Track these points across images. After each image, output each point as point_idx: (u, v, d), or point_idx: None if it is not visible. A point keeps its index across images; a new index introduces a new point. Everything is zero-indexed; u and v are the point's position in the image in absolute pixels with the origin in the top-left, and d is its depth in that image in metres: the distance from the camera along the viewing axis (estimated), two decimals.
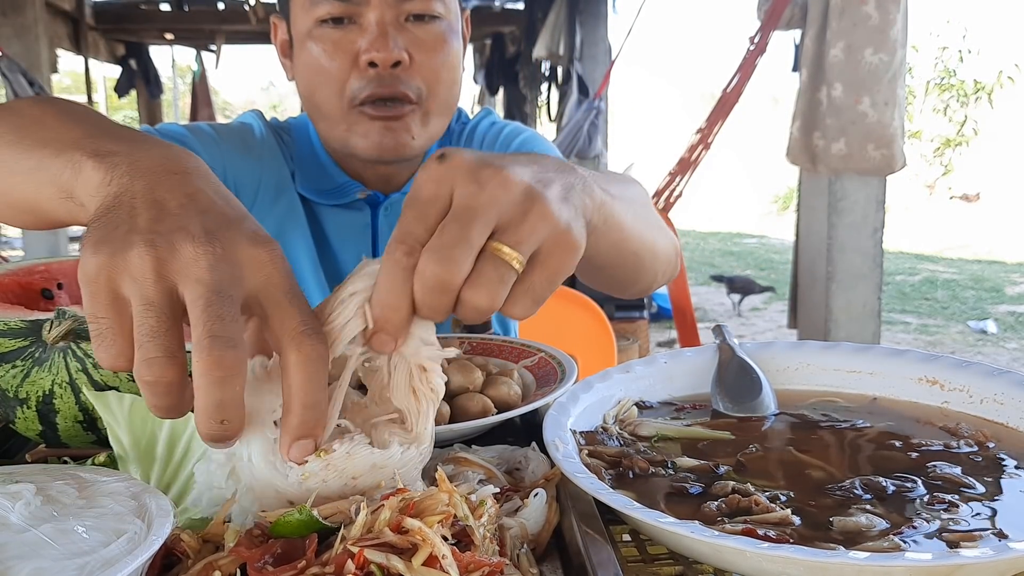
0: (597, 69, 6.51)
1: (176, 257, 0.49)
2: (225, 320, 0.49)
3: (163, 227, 0.50)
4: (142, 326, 0.49)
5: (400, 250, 0.54)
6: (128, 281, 0.49)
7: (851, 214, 3.80)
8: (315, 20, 1.13)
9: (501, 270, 0.54)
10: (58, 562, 0.45)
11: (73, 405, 0.76)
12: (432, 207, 0.54)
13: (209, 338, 0.48)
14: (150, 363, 0.48)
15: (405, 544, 0.48)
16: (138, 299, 0.49)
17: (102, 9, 8.30)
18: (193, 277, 0.49)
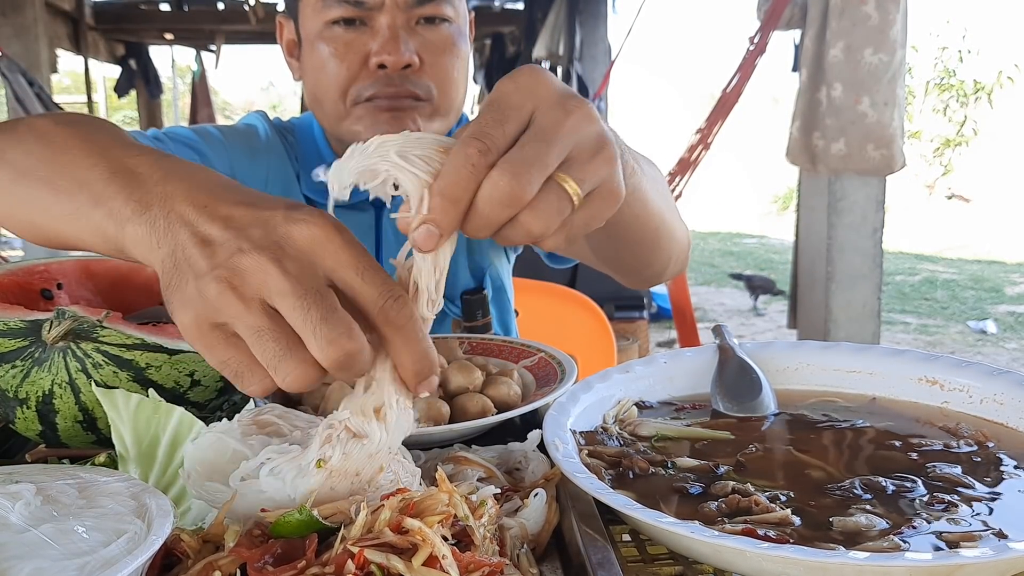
0: (597, 69, 6.51)
1: (248, 279, 0.51)
2: (328, 320, 0.50)
3: (220, 259, 0.52)
4: (264, 353, 0.51)
5: (475, 147, 0.52)
6: (228, 320, 0.51)
7: (851, 214, 3.80)
8: (325, 21, 1.13)
9: (562, 202, 0.54)
10: (58, 562, 0.45)
11: (73, 405, 0.76)
12: (514, 114, 0.54)
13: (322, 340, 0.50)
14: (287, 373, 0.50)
15: (405, 544, 0.48)
16: (246, 331, 0.51)
17: (102, 9, 8.29)
18: (275, 291, 0.50)
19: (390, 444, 0.56)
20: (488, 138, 0.53)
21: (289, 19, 1.23)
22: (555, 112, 0.54)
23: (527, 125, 0.54)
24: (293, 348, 0.50)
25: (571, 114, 0.54)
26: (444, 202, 0.52)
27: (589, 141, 0.55)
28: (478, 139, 0.52)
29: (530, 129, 0.53)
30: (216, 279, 0.51)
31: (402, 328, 0.52)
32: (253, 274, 0.50)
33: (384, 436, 0.56)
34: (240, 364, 0.52)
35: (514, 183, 0.51)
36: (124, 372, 0.76)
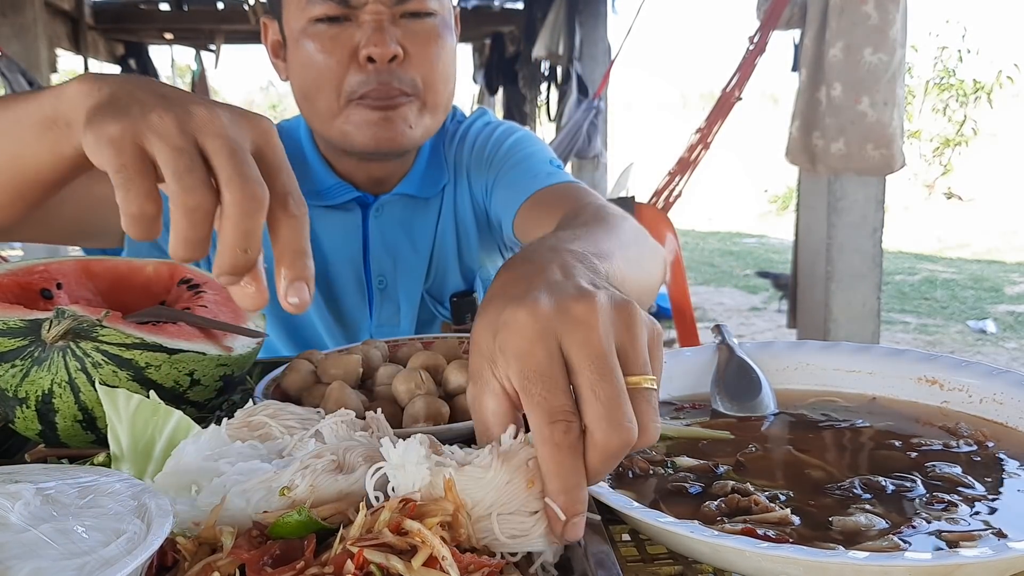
0: (596, 69, 6.51)
1: (193, 118, 0.55)
2: (250, 165, 0.55)
3: (172, 102, 0.57)
4: (177, 165, 0.54)
5: (560, 429, 0.49)
6: (153, 138, 0.55)
7: (850, 214, 3.80)
8: (310, 19, 1.13)
9: (652, 400, 0.52)
10: (57, 562, 0.45)
11: (72, 404, 0.76)
12: (556, 368, 0.51)
13: (240, 176, 0.54)
14: (191, 190, 0.53)
15: (404, 546, 0.48)
16: (167, 148, 0.54)
17: (101, 9, 8.30)
18: (213, 132, 0.55)
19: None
20: (559, 412, 0.50)
21: (273, 20, 1.23)
22: (578, 333, 0.51)
23: (564, 360, 0.51)
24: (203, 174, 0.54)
25: (589, 323, 0.51)
26: (569, 498, 0.50)
27: (617, 321, 0.52)
28: (555, 420, 0.50)
29: (580, 369, 0.50)
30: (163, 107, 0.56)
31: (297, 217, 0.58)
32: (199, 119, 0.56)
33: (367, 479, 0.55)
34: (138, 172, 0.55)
35: (620, 434, 0.49)
36: (124, 371, 0.76)
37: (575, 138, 5.78)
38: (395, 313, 1.30)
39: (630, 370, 0.52)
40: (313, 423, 0.67)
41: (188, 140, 0.55)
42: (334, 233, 1.27)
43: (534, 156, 1.27)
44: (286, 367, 0.86)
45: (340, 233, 1.28)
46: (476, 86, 10.62)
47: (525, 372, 0.51)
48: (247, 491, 0.55)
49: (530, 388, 0.51)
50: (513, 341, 0.52)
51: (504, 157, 1.28)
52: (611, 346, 0.51)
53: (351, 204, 1.27)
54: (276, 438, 0.65)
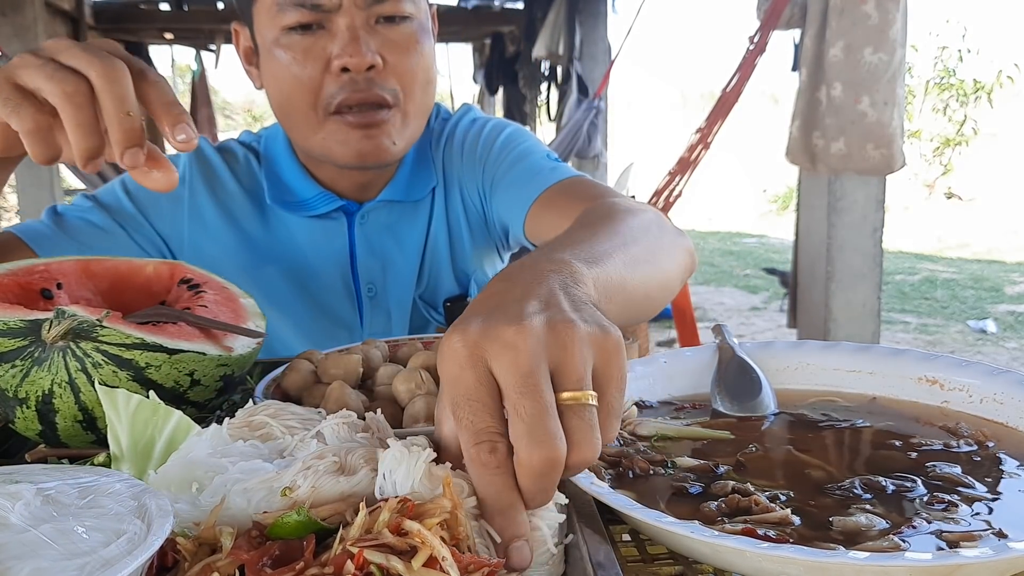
0: (597, 69, 6.51)
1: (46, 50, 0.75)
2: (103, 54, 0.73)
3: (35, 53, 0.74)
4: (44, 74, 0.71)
5: (485, 449, 0.50)
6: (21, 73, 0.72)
7: (851, 214, 3.80)
8: (282, 28, 1.09)
9: (586, 416, 0.51)
10: (58, 562, 0.45)
11: (72, 405, 0.76)
12: (481, 391, 0.51)
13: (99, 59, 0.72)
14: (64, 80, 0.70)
15: (403, 546, 0.48)
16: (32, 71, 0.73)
17: (101, 9, 8.29)
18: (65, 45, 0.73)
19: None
20: (483, 433, 0.50)
21: (244, 26, 1.20)
22: (506, 356, 0.51)
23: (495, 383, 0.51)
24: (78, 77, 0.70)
25: (518, 347, 0.51)
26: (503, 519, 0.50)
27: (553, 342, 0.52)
28: (480, 441, 0.50)
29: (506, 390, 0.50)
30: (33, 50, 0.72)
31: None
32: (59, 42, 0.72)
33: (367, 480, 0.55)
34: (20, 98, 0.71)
35: (544, 450, 0.49)
36: (124, 372, 0.76)
37: (575, 138, 5.78)
38: (386, 321, 1.28)
39: (563, 387, 0.51)
40: (314, 423, 0.67)
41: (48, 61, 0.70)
42: (319, 243, 1.25)
43: (531, 152, 1.23)
44: (286, 367, 0.86)
45: (326, 242, 1.26)
46: (476, 86, 10.61)
47: (455, 397, 0.52)
48: (248, 491, 0.55)
49: (459, 412, 0.51)
50: (446, 367, 0.53)
51: (499, 156, 1.25)
52: (539, 366, 0.50)
53: (335, 213, 1.25)
54: (277, 438, 0.65)
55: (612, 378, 0.53)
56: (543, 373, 0.51)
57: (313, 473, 0.55)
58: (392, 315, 1.28)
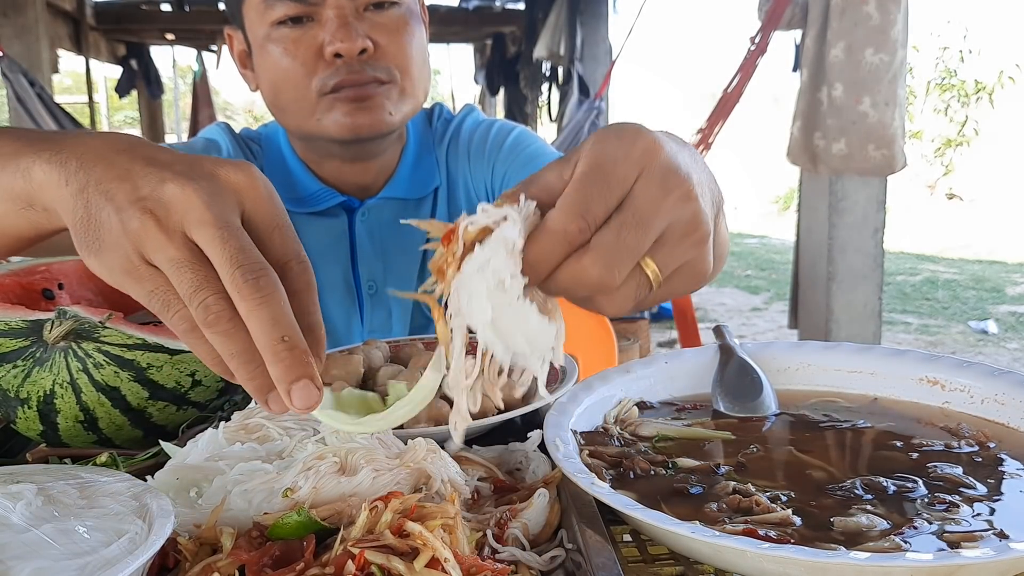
0: (598, 69, 6.50)
1: (172, 208, 0.52)
2: (245, 250, 0.51)
3: (144, 190, 0.52)
4: (181, 284, 0.51)
5: (576, 224, 0.49)
6: (150, 253, 0.52)
7: (852, 214, 3.79)
8: (272, 23, 1.10)
9: (641, 288, 0.52)
10: (59, 562, 0.45)
11: (74, 405, 0.76)
12: (618, 188, 0.50)
13: (237, 270, 0.50)
14: (207, 306, 0.51)
15: (404, 548, 0.48)
16: (165, 264, 0.52)
17: (103, 9, 8.29)
18: (196, 220, 0.51)
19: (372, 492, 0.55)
20: (590, 215, 0.50)
21: (237, 30, 1.20)
22: (656, 190, 0.51)
23: (627, 193, 0.51)
24: (209, 280, 0.51)
25: (671, 193, 0.51)
26: (538, 257, 0.50)
27: (683, 223, 0.52)
28: (581, 216, 0.49)
29: (627, 206, 0.50)
30: (141, 210, 0.52)
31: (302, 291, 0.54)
32: (178, 206, 0.51)
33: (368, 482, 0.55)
34: (165, 295, 0.52)
35: (606, 274, 0.49)
36: (125, 372, 0.76)
37: (576, 138, 5.78)
38: (387, 318, 1.28)
39: (655, 254, 0.52)
40: (311, 424, 0.67)
41: (177, 241, 0.52)
42: (320, 239, 1.25)
43: (542, 153, 1.26)
44: None
45: (326, 239, 1.25)
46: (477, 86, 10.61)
47: (601, 164, 0.51)
48: (249, 492, 0.55)
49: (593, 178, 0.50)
50: (610, 144, 0.52)
51: (510, 156, 1.26)
52: (664, 220, 0.51)
53: (336, 209, 1.25)
54: (275, 440, 0.65)
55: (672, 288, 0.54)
56: (659, 227, 0.51)
57: (314, 474, 0.55)
58: (393, 313, 1.28)
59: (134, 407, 0.78)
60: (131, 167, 0.54)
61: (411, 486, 0.58)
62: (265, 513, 0.54)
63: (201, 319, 0.51)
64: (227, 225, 0.51)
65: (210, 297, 0.51)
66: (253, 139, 1.31)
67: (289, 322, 0.51)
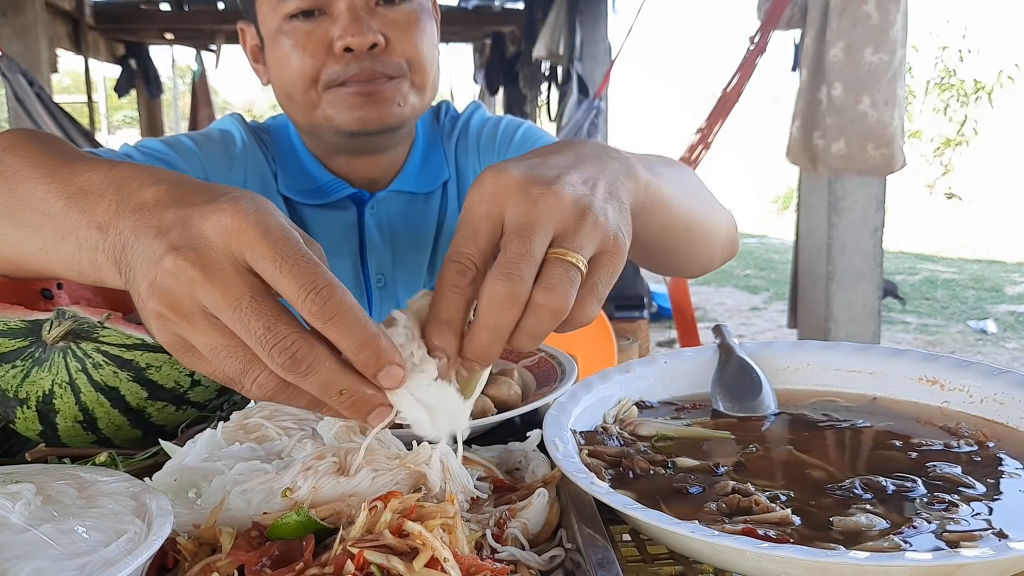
0: (597, 69, 6.50)
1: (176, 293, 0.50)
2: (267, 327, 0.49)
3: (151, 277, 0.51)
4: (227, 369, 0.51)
5: (453, 269, 0.54)
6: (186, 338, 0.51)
7: (851, 214, 3.80)
8: (284, 16, 1.11)
9: (569, 271, 0.55)
10: (58, 562, 0.45)
11: (73, 405, 0.76)
12: (484, 225, 0.55)
13: (270, 351, 0.49)
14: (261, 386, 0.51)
15: (404, 548, 0.48)
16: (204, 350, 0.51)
17: (102, 9, 8.29)
18: (209, 305, 0.49)
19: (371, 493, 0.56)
20: (462, 256, 0.55)
21: (249, 24, 1.21)
22: (522, 205, 0.55)
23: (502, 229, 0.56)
24: (252, 360, 0.50)
25: (538, 201, 0.55)
26: (438, 325, 0.54)
27: (568, 214, 0.56)
28: (454, 260, 0.54)
29: (506, 231, 0.55)
30: (153, 298, 0.51)
31: (330, 320, 0.50)
32: (178, 286, 0.50)
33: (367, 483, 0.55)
34: (224, 376, 0.52)
35: (507, 283, 0.52)
36: (124, 372, 0.76)
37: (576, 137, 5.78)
38: None
39: (558, 245, 0.55)
40: (310, 424, 0.67)
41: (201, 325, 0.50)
42: (329, 231, 1.26)
43: None
44: None
45: (336, 231, 1.26)
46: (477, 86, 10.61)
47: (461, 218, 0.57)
48: (248, 492, 0.55)
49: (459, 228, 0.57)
50: (471, 193, 0.57)
51: (519, 149, 1.28)
52: (544, 223, 0.55)
53: (346, 202, 1.26)
54: (274, 440, 0.65)
55: (604, 266, 0.58)
56: (544, 229, 0.55)
57: (313, 474, 0.55)
58: (401, 305, 1.29)
59: (133, 407, 0.78)
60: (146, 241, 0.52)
61: (410, 487, 0.58)
62: (264, 513, 0.53)
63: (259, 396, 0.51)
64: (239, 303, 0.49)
65: (260, 376, 0.50)
66: (263, 130, 1.32)
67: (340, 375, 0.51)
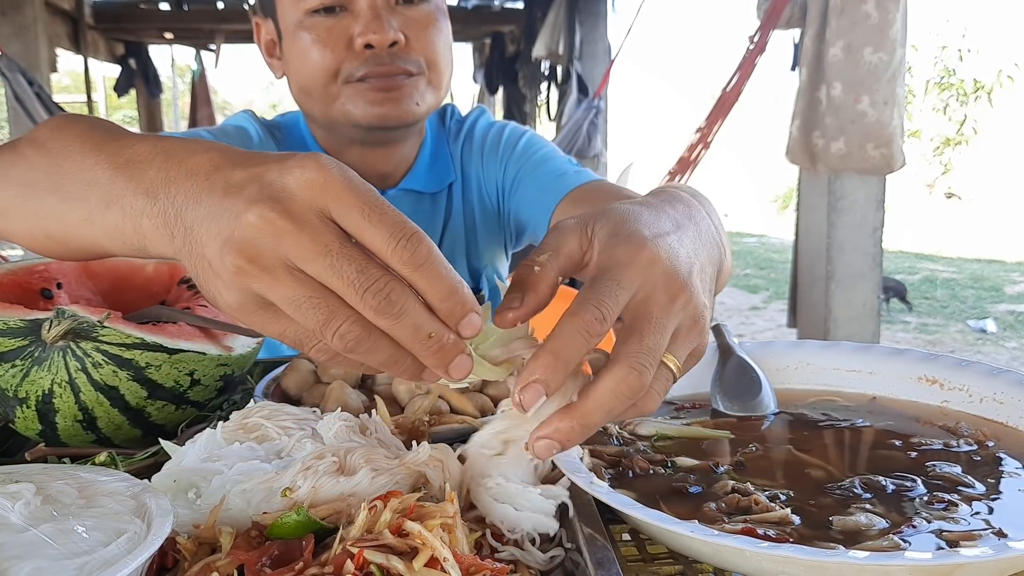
0: (596, 68, 6.50)
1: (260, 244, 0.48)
2: (363, 270, 0.48)
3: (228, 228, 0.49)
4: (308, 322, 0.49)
5: (592, 314, 0.53)
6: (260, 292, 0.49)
7: (851, 213, 3.80)
8: (305, 11, 1.13)
9: (668, 381, 0.56)
10: (58, 562, 0.45)
11: (72, 404, 0.76)
12: (627, 291, 0.55)
13: (366, 294, 0.48)
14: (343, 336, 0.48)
15: (403, 547, 0.48)
16: (283, 303, 0.49)
17: (101, 8, 8.28)
18: (295, 254, 0.48)
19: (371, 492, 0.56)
20: (605, 307, 0.53)
21: (266, 18, 1.23)
22: (662, 295, 0.55)
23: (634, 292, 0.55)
24: (335, 309, 0.48)
25: (676, 299, 0.55)
26: (554, 361, 0.52)
27: (689, 320, 0.56)
28: (596, 307, 0.53)
29: (641, 314, 0.55)
30: (232, 253, 0.48)
31: (420, 267, 0.49)
32: (262, 239, 0.48)
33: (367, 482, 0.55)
34: (296, 334, 0.50)
35: (640, 379, 0.53)
36: (124, 371, 0.76)
37: (575, 138, 5.78)
38: None
39: (672, 348, 0.56)
40: (310, 423, 0.67)
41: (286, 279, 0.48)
42: None
43: (555, 155, 1.29)
44: (286, 367, 0.86)
45: None
46: (476, 85, 10.61)
47: (611, 268, 0.55)
48: (247, 492, 0.55)
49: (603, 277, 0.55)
50: (619, 251, 0.56)
51: (522, 157, 1.29)
52: (674, 322, 0.56)
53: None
54: (273, 439, 0.65)
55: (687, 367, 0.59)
56: (672, 326, 0.55)
57: (313, 473, 0.55)
58: None
59: (133, 406, 0.78)
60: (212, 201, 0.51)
61: (410, 486, 0.58)
62: (264, 513, 0.53)
63: (341, 348, 0.49)
64: (329, 250, 0.48)
65: (343, 326, 0.48)
66: (275, 126, 1.33)
67: (429, 319, 0.49)
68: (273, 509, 0.54)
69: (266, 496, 0.54)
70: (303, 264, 0.48)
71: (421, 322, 0.49)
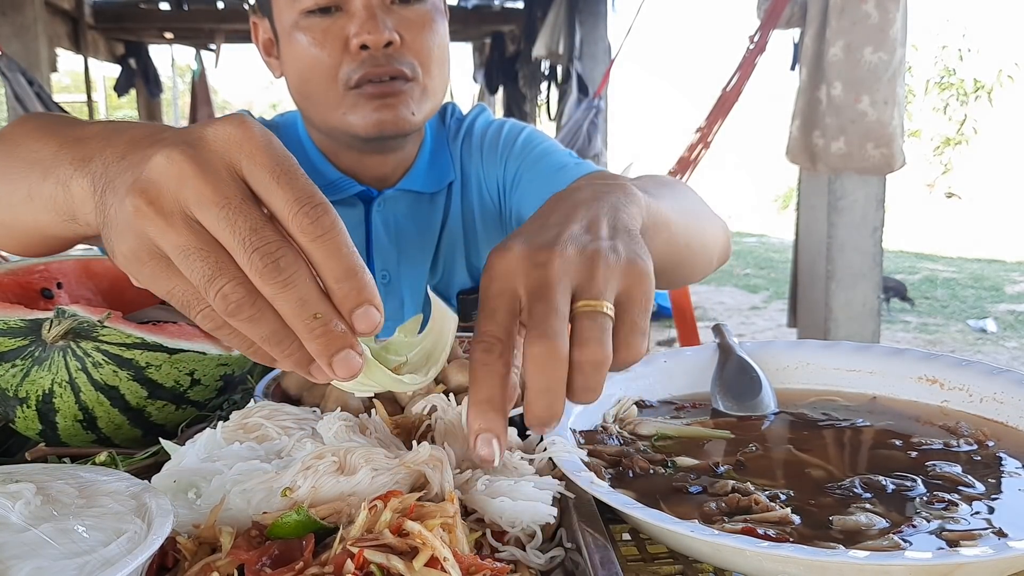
0: (597, 68, 6.50)
1: (162, 185, 0.47)
2: (256, 229, 0.46)
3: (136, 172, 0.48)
4: (193, 275, 0.47)
5: (479, 349, 0.54)
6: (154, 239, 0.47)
7: (851, 213, 3.80)
8: (301, 12, 1.13)
9: (597, 320, 0.55)
10: (58, 561, 0.45)
11: (73, 404, 0.76)
12: (499, 302, 0.56)
13: (255, 254, 0.46)
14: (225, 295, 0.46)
15: (404, 547, 0.48)
16: (172, 252, 0.47)
17: (101, 8, 8.28)
18: (193, 199, 0.46)
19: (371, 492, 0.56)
20: (484, 335, 0.55)
21: (263, 17, 1.23)
22: (533, 274, 0.56)
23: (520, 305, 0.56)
24: (223, 266, 0.46)
25: (546, 265, 0.56)
26: (479, 407, 0.54)
27: (578, 267, 0.56)
28: (479, 341, 0.55)
29: (530, 298, 0.55)
30: (133, 193, 0.47)
31: (318, 238, 0.47)
32: (166, 180, 0.47)
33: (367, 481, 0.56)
34: (184, 293, 0.48)
35: (541, 342, 0.52)
36: (124, 371, 0.76)
37: (575, 137, 5.78)
38: (399, 307, 1.30)
39: (580, 299, 0.56)
40: (310, 423, 0.67)
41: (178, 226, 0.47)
42: None
43: (555, 149, 1.29)
44: None
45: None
46: (476, 85, 10.60)
47: (481, 302, 0.57)
48: (248, 491, 0.55)
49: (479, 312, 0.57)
50: (484, 278, 0.58)
51: (522, 152, 1.29)
52: (559, 280, 0.55)
53: (353, 199, 1.27)
54: (273, 439, 0.65)
55: (635, 299, 0.57)
56: (562, 286, 0.55)
57: (313, 473, 0.55)
58: (405, 302, 1.30)
59: (133, 406, 0.78)
60: (136, 153, 0.50)
61: (410, 486, 0.58)
62: (264, 512, 0.53)
63: (222, 309, 0.47)
64: (228, 202, 0.46)
65: (227, 285, 0.46)
66: (273, 127, 1.33)
67: (318, 298, 0.47)
68: (273, 509, 0.54)
69: (266, 496, 0.54)
70: (199, 211, 0.47)
71: (308, 298, 0.47)
